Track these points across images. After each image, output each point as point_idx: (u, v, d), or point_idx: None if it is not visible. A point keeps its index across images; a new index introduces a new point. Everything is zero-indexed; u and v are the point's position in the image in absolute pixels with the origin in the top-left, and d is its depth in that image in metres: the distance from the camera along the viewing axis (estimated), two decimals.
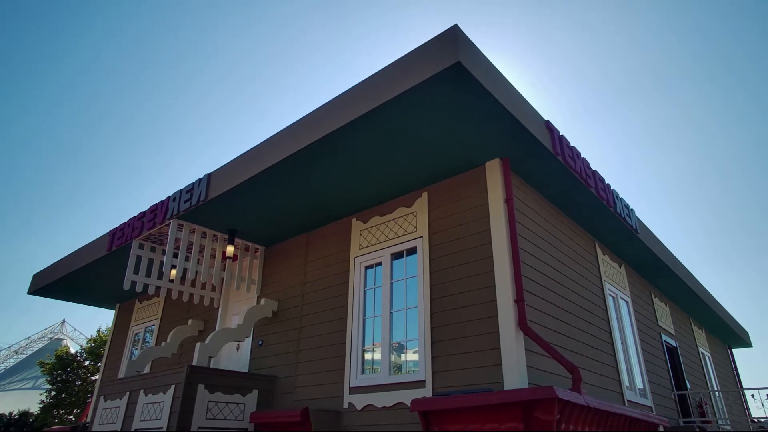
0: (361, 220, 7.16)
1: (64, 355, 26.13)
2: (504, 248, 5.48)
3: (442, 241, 6.11)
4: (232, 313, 8.69)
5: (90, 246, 9.22)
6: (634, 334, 8.40)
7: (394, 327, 6.24)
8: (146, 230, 7.77)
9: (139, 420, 6.33)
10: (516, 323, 5.13)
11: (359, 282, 6.79)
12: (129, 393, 6.77)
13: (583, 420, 4.56)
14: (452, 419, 4.57)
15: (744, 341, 15.78)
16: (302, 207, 7.19)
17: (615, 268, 8.66)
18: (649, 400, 7.96)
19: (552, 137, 5.91)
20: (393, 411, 5.73)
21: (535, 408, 4.11)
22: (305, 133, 5.75)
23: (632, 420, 5.34)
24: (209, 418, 6.11)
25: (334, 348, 6.67)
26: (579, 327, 6.59)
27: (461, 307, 5.61)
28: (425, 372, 5.62)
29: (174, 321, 9.53)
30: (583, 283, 7.17)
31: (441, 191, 6.40)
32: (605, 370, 6.91)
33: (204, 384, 6.18)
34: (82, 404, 24.15)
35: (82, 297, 11.38)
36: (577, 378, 4.78)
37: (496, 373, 5.05)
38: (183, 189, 7.34)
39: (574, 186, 6.54)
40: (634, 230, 7.93)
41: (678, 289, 10.81)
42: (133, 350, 10.55)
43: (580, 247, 7.53)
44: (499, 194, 5.77)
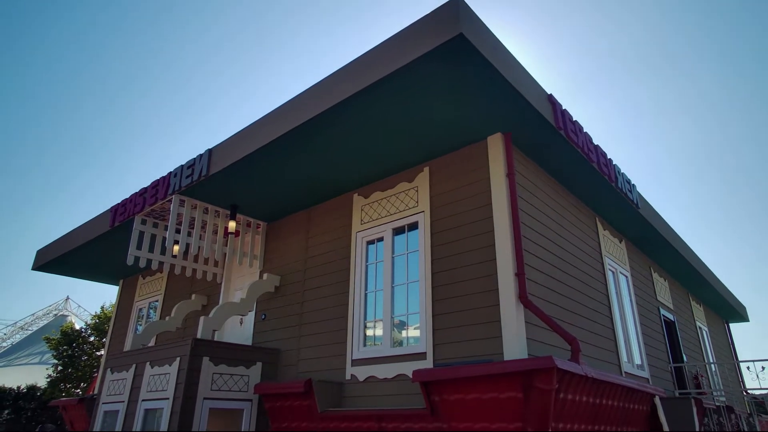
0: (363, 196, 7.17)
1: (70, 331, 26.48)
2: (505, 222, 5.51)
3: (443, 215, 6.13)
4: (235, 288, 8.78)
5: (92, 222, 9.26)
6: (632, 308, 8.50)
7: (395, 301, 6.31)
8: (148, 206, 7.79)
9: (146, 391, 6.46)
10: (516, 296, 5.19)
11: (361, 257, 6.84)
12: (135, 365, 6.89)
13: (581, 389, 4.66)
14: (453, 389, 4.67)
15: (741, 316, 15.95)
16: (304, 182, 7.19)
17: (615, 243, 8.70)
18: (646, 372, 8.09)
19: (554, 111, 5.87)
20: (394, 382, 5.84)
21: (535, 377, 4.19)
22: (305, 108, 5.72)
23: (629, 390, 5.44)
24: (214, 389, 6.23)
25: (336, 321, 6.76)
26: (578, 301, 6.66)
27: (462, 281, 5.66)
28: (426, 344, 5.71)
29: (177, 296, 9.63)
30: (583, 257, 7.22)
31: (443, 166, 6.39)
32: (604, 343, 7.01)
33: (208, 356, 6.29)
34: (88, 378, 24.57)
35: (86, 273, 11.48)
36: (576, 349, 4.87)
37: (496, 345, 5.13)
38: (184, 164, 7.33)
39: (575, 161, 6.53)
40: (635, 205, 7.94)
41: (677, 264, 10.88)
42: (138, 325, 10.69)
43: (581, 221, 7.56)
44: (500, 169, 5.76)
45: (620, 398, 5.35)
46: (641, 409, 5.83)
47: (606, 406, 5.10)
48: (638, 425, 5.83)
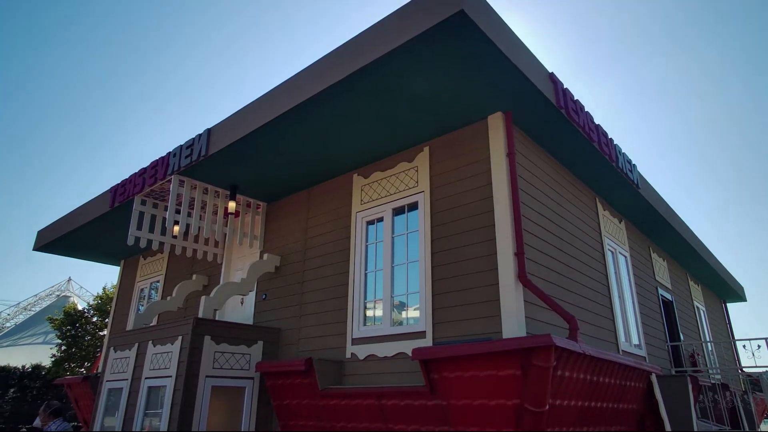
0: (363, 176, 7.15)
1: (72, 312, 26.72)
2: (505, 202, 5.51)
3: (443, 195, 6.13)
4: (236, 268, 8.82)
5: (93, 202, 9.26)
6: (631, 288, 8.55)
7: (395, 281, 6.35)
8: (147, 186, 7.78)
9: (149, 369, 6.54)
10: (516, 276, 5.22)
11: (361, 237, 6.86)
12: (138, 344, 6.97)
13: (579, 367, 4.71)
14: (452, 367, 4.72)
15: (739, 296, 16.06)
16: (303, 162, 7.17)
17: (615, 223, 8.71)
18: (643, 351, 8.18)
19: (556, 90, 5.82)
20: (394, 360, 5.91)
21: (533, 355, 4.24)
22: (304, 87, 5.67)
23: (626, 368, 5.51)
24: (216, 367, 6.31)
25: (337, 301, 6.81)
26: (578, 280, 6.70)
27: (462, 261, 5.69)
28: (426, 323, 5.76)
29: (178, 276, 9.68)
30: (582, 237, 7.23)
31: (443, 145, 6.36)
32: (602, 322, 7.07)
33: (210, 335, 6.35)
34: (92, 358, 24.88)
35: (87, 253, 11.53)
36: (574, 327, 4.91)
37: (495, 324, 5.18)
38: (183, 144, 7.30)
39: (576, 140, 6.50)
40: (636, 185, 7.93)
41: (676, 244, 10.91)
42: (140, 306, 10.77)
43: (581, 202, 7.55)
44: (501, 148, 5.74)
45: (617, 376, 5.41)
46: (638, 386, 5.91)
47: (603, 384, 5.17)
48: (634, 402, 5.92)
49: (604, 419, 5.39)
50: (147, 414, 6.33)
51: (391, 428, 5.30)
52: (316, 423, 6.04)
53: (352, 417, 5.65)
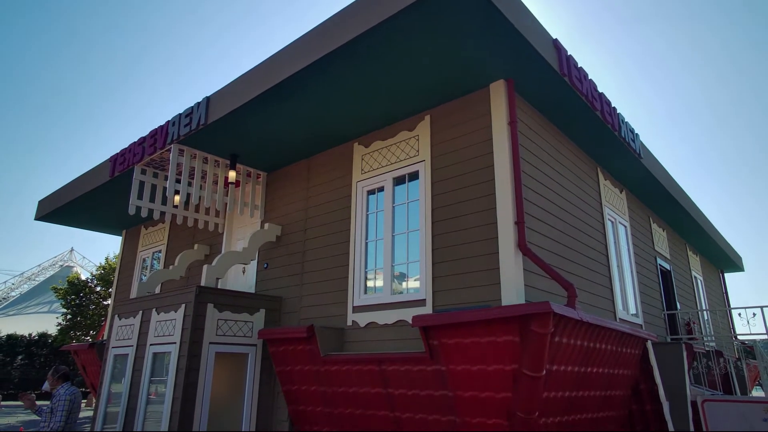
0: (363, 145, 7.11)
1: (76, 281, 27.01)
2: (506, 171, 5.49)
3: (444, 164, 6.10)
4: (237, 238, 8.87)
5: (93, 172, 9.24)
6: (630, 257, 8.61)
7: (395, 250, 6.39)
8: (147, 155, 7.74)
9: (153, 336, 6.66)
10: (515, 244, 5.25)
11: (361, 206, 6.87)
12: (142, 312, 7.07)
13: (576, 333, 4.79)
14: (451, 333, 4.80)
15: (737, 266, 16.18)
16: (303, 131, 7.12)
17: (616, 193, 8.70)
18: (640, 319, 8.30)
19: (559, 57, 5.73)
20: (394, 328, 6.00)
21: (531, 322, 4.30)
22: (303, 54, 5.58)
23: (622, 335, 5.60)
24: (219, 334, 6.42)
25: (338, 270, 6.87)
26: (577, 249, 6.74)
27: (462, 230, 5.71)
28: (426, 291, 5.82)
29: (180, 246, 9.74)
30: (583, 207, 7.24)
31: (444, 114, 6.30)
32: (600, 291, 7.15)
33: (213, 303, 6.44)
34: (97, 326, 25.29)
35: (89, 223, 11.57)
36: (572, 295, 4.97)
37: (495, 292, 5.24)
38: (182, 113, 7.23)
39: (579, 108, 6.43)
40: (638, 155, 7.89)
41: (676, 214, 10.93)
42: (142, 275, 10.88)
43: (582, 171, 7.53)
44: (502, 116, 5.68)
45: (613, 342, 5.51)
46: (633, 352, 6.02)
47: (600, 350, 5.27)
48: (630, 368, 6.04)
49: (600, 384, 5.51)
50: (152, 381, 6.47)
51: (392, 392, 5.43)
52: (317, 388, 6.19)
53: (354, 382, 5.78)
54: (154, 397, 6.38)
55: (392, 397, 5.43)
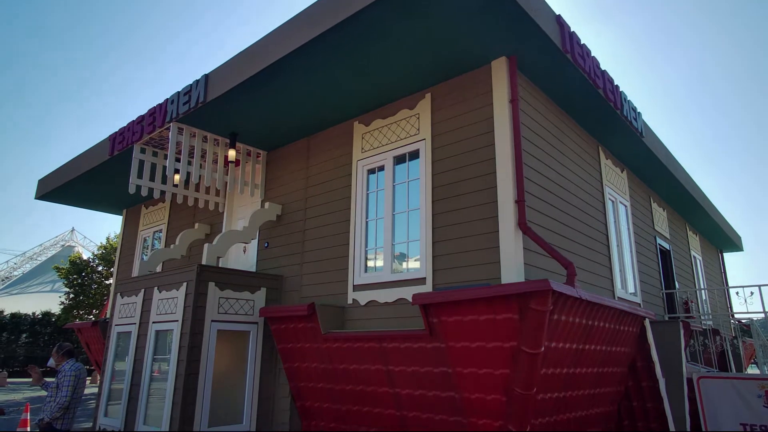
0: (363, 123, 7.06)
1: (78, 261, 27.14)
2: (507, 150, 5.47)
3: (445, 143, 6.07)
4: (237, 217, 8.88)
5: (92, 151, 9.21)
6: (630, 237, 8.63)
7: (396, 229, 6.40)
8: (146, 134, 7.70)
9: (156, 314, 6.72)
10: (515, 223, 5.26)
11: (362, 185, 6.86)
12: (144, 290, 7.12)
13: (575, 311, 4.84)
14: (451, 311, 4.84)
15: (736, 246, 16.22)
16: (303, 109, 7.06)
17: (617, 172, 8.68)
18: (638, 298, 8.36)
19: (562, 34, 5.65)
20: (395, 306, 6.06)
21: (531, 299, 4.34)
22: (302, 30, 5.50)
23: (621, 312, 5.65)
24: (221, 312, 6.48)
25: (338, 249, 6.90)
26: (577, 228, 6.75)
27: (463, 208, 5.71)
28: (426, 270, 5.85)
29: (181, 225, 9.76)
30: (584, 186, 7.23)
31: (445, 92, 6.24)
32: (599, 270, 7.19)
33: (214, 282, 6.48)
34: (99, 305, 25.51)
35: (89, 202, 11.57)
36: (572, 273, 4.99)
37: (495, 270, 5.26)
38: (181, 91, 7.16)
39: (581, 86, 6.37)
40: (639, 133, 7.84)
41: (677, 194, 10.92)
42: (143, 255, 10.92)
43: (583, 150, 7.50)
44: (504, 94, 5.63)
45: (612, 320, 5.56)
46: (631, 330, 6.08)
47: (598, 327, 5.32)
48: (628, 345, 6.11)
49: (598, 361, 5.58)
50: (156, 359, 6.56)
51: (392, 369, 5.50)
52: (318, 365, 6.27)
53: (354, 359, 5.86)
54: (158, 374, 6.48)
55: (392, 374, 5.51)
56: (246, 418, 6.47)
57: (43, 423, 5.54)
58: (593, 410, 5.85)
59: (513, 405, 4.61)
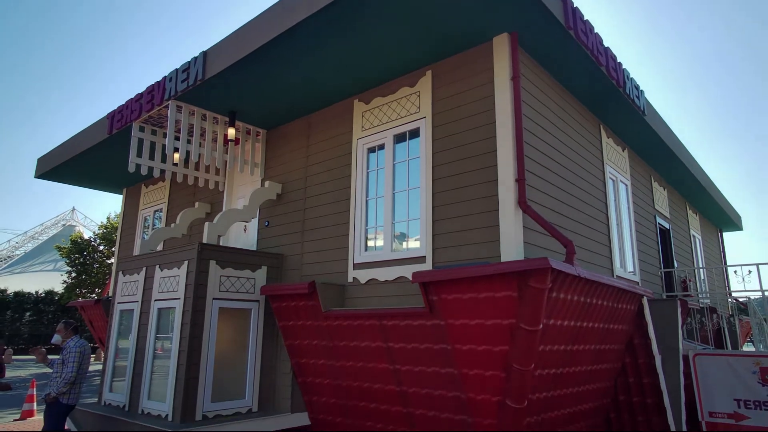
0: (363, 101, 7.01)
1: (79, 240, 27.24)
2: (508, 128, 5.43)
3: (445, 121, 6.04)
4: (238, 195, 8.88)
5: (91, 129, 9.16)
6: (629, 216, 8.64)
7: (396, 207, 6.41)
8: (145, 112, 7.65)
9: (158, 292, 6.78)
10: (515, 202, 5.26)
11: (362, 164, 6.84)
12: (146, 268, 7.17)
13: (574, 289, 4.87)
14: (451, 289, 4.88)
15: (735, 225, 16.25)
16: (302, 87, 7.00)
17: (618, 151, 8.64)
18: (637, 277, 8.42)
19: (565, 9, 5.56)
20: (395, 284, 6.10)
21: (530, 277, 4.37)
22: (301, 6, 5.41)
23: (619, 290, 5.69)
24: (222, 290, 6.53)
25: (338, 228, 6.92)
26: (577, 207, 6.76)
27: (463, 187, 5.71)
28: (426, 248, 5.88)
29: (181, 204, 9.77)
30: (584, 165, 7.21)
31: (446, 69, 6.18)
32: (599, 249, 7.22)
33: (215, 260, 6.52)
34: (101, 284, 25.70)
35: (89, 181, 11.55)
36: (571, 251, 5.01)
37: (494, 249, 5.29)
38: (179, 68, 7.09)
39: (584, 64, 6.30)
40: (642, 112, 7.78)
41: (678, 173, 10.89)
42: (144, 234, 10.96)
43: (585, 129, 7.45)
44: (505, 72, 5.57)
45: (610, 298, 5.61)
46: (629, 308, 6.14)
47: (596, 305, 5.37)
48: (625, 323, 6.17)
49: (595, 338, 5.65)
50: (158, 337, 6.63)
51: (392, 346, 5.57)
52: (319, 342, 6.35)
53: (355, 336, 5.93)
54: (161, 352, 6.56)
55: (392, 351, 5.58)
56: (248, 394, 6.58)
57: (50, 397, 5.66)
58: (590, 386, 5.95)
59: (511, 381, 4.68)
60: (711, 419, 7.33)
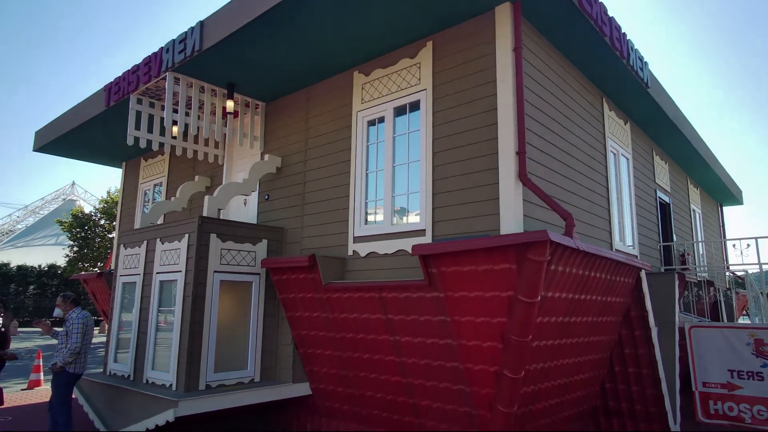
0: (363, 73, 6.91)
1: (80, 215, 27.29)
2: (509, 100, 5.38)
3: (446, 93, 5.97)
4: (237, 169, 8.86)
5: (88, 101, 9.07)
6: (630, 190, 8.62)
7: (396, 181, 6.40)
8: (142, 84, 7.56)
9: (159, 265, 6.83)
10: (516, 174, 5.25)
11: (362, 137, 6.80)
12: (147, 241, 7.20)
13: (572, 262, 4.90)
14: (450, 261, 4.91)
15: (736, 199, 16.24)
16: (302, 58, 6.89)
17: (620, 125, 8.57)
18: (635, 250, 8.46)
19: None
20: (394, 257, 6.14)
21: (529, 250, 4.39)
22: None
23: (617, 264, 5.73)
24: (223, 263, 6.58)
25: (338, 201, 6.92)
26: (577, 181, 6.74)
27: (463, 160, 5.68)
28: (426, 222, 5.89)
29: (181, 178, 9.75)
30: (586, 138, 7.16)
31: (447, 40, 6.07)
32: (598, 222, 7.23)
33: (216, 233, 6.54)
34: (103, 258, 25.86)
35: (87, 155, 11.50)
36: (570, 224, 5.03)
37: (494, 222, 5.30)
38: (176, 39, 6.97)
39: (587, 34, 6.19)
40: (645, 84, 7.69)
41: (681, 146, 10.82)
42: (144, 208, 10.97)
43: (587, 101, 7.38)
44: (507, 42, 5.48)
45: (608, 271, 5.65)
46: (627, 281, 6.19)
47: (594, 278, 5.41)
48: (623, 296, 6.23)
49: (593, 310, 5.72)
50: (161, 311, 6.71)
51: (391, 318, 5.65)
52: (320, 314, 6.42)
53: (355, 308, 6.00)
54: (164, 324, 6.65)
55: (392, 323, 5.66)
56: (250, 364, 6.70)
57: (57, 367, 5.76)
58: (587, 357, 6.05)
59: (509, 352, 4.75)
60: (704, 389, 7.47)
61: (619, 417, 6.63)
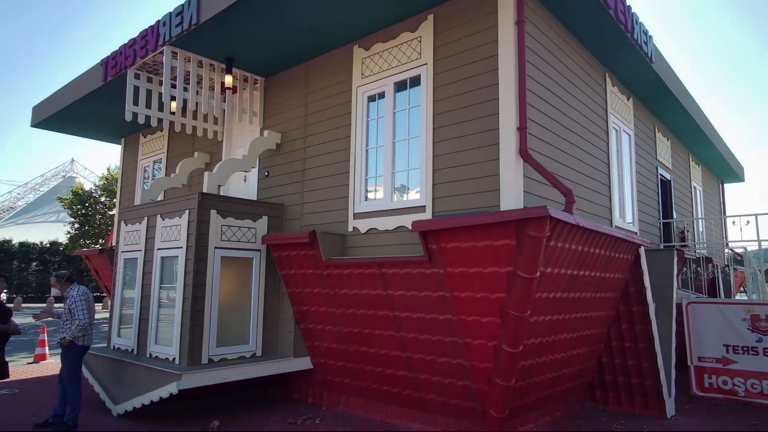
0: (363, 48, 6.81)
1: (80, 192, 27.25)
2: (511, 74, 5.31)
3: (447, 67, 5.89)
4: (237, 145, 8.81)
5: (85, 76, 8.96)
6: (631, 166, 8.59)
7: (396, 157, 6.37)
8: (140, 58, 7.46)
9: (161, 241, 6.85)
10: (516, 150, 5.22)
11: (362, 112, 6.74)
12: (147, 218, 7.21)
13: (572, 238, 4.92)
14: (450, 238, 4.93)
15: (737, 176, 16.18)
16: (301, 31, 6.78)
17: (623, 100, 8.48)
18: (635, 227, 8.47)
19: None
20: (395, 233, 6.15)
21: (528, 226, 4.40)
22: None
23: (617, 240, 5.75)
24: (224, 239, 6.60)
25: (338, 177, 6.90)
26: (578, 157, 6.71)
27: (464, 136, 5.65)
28: (426, 198, 5.89)
29: (180, 154, 9.70)
30: (587, 114, 7.10)
31: (448, 13, 5.97)
32: (598, 199, 7.22)
33: (216, 209, 6.54)
34: (104, 235, 25.92)
35: (86, 131, 11.42)
36: (570, 200, 5.02)
37: (494, 198, 5.29)
38: (172, 12, 6.85)
39: (592, 7, 6.07)
40: (649, 59, 7.58)
41: (683, 123, 10.73)
42: (144, 185, 10.95)
43: (590, 77, 7.28)
44: (509, 15, 5.39)
45: (607, 247, 5.67)
46: (626, 258, 6.22)
47: (593, 254, 5.43)
48: (621, 272, 6.27)
49: (591, 286, 5.76)
50: (163, 287, 6.76)
51: (391, 294, 5.69)
52: (320, 290, 6.47)
53: (355, 284, 6.04)
54: (166, 300, 6.71)
55: (392, 298, 5.71)
56: (252, 339, 6.78)
57: (66, 341, 5.83)
58: (585, 332, 6.12)
59: (507, 327, 4.81)
60: (699, 363, 7.58)
61: (615, 391, 6.74)
